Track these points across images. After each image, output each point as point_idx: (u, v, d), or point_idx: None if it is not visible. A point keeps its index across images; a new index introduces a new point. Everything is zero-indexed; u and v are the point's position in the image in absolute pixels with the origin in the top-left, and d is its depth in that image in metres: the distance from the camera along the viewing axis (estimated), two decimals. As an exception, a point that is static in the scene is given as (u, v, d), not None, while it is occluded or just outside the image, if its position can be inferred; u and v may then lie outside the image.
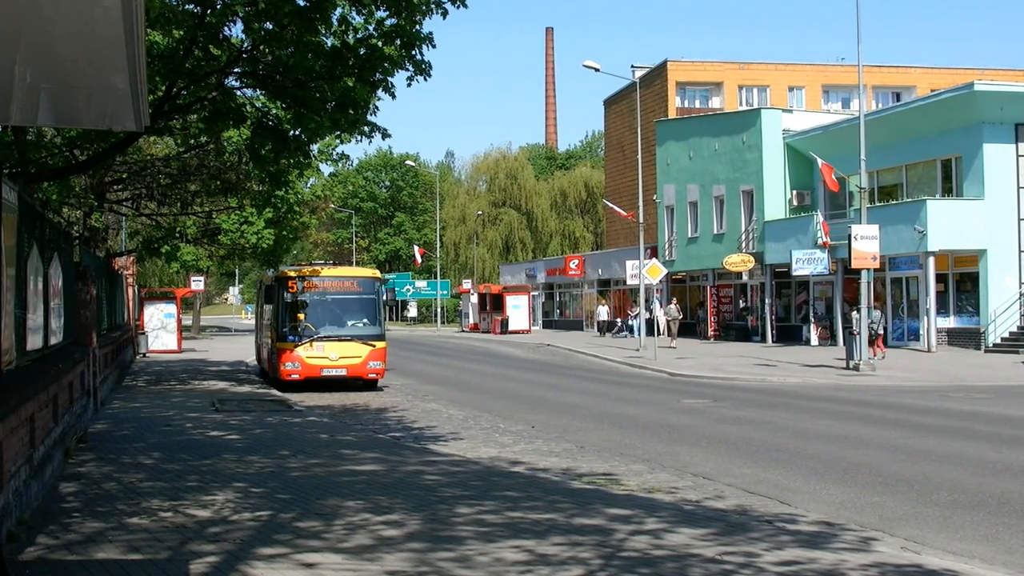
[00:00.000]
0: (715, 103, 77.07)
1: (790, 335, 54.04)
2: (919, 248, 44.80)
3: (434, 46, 18.01)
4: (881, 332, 42.03)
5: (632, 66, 79.94)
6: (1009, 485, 14.62)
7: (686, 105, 77.09)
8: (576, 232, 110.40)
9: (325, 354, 31.21)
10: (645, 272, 46.93)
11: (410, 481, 14.31)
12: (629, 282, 53.19)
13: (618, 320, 71.29)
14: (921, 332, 45.88)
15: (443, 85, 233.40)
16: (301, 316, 31.58)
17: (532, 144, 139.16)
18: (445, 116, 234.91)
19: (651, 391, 31.55)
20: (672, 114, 74.19)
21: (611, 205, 68.69)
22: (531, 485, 14.24)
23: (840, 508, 13.33)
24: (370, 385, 32.36)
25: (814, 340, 52.01)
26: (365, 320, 32.43)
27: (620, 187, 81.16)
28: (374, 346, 31.66)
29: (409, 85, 18.57)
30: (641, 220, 51.42)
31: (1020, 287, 44.60)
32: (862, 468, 16.32)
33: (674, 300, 53.91)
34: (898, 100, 70.72)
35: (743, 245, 57.90)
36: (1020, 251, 44.97)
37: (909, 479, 15.24)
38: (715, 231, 61.08)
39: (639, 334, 51.02)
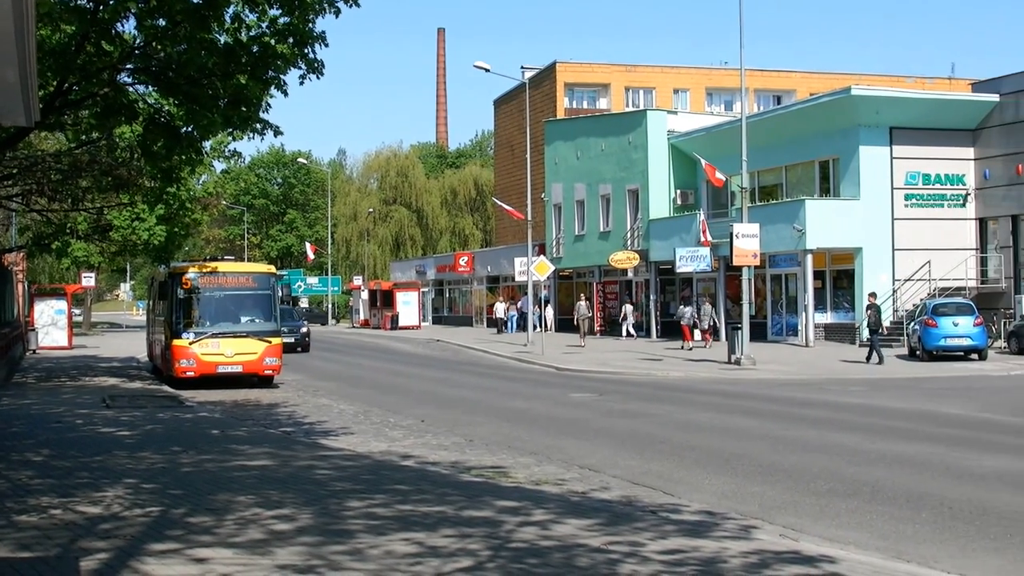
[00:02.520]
0: (602, 104, 77.74)
1: (675, 331, 54.73)
2: (798, 246, 45.77)
3: (327, 45, 18.06)
4: (711, 324, 46.26)
5: (522, 67, 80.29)
6: (883, 474, 15.10)
7: (574, 106, 77.70)
8: (466, 229, 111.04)
9: (220, 351, 30.71)
10: (533, 269, 47.36)
11: (301, 476, 14.37)
12: (518, 278, 53.70)
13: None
14: (799, 327, 46.88)
15: (336, 84, 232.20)
16: (196, 312, 31.08)
17: (423, 143, 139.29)
18: (337, 114, 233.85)
19: (539, 386, 31.85)
20: (560, 114, 74.71)
21: (501, 203, 68.99)
22: (421, 478, 14.37)
23: (722, 498, 13.64)
24: (265, 382, 31.99)
25: (697, 336, 52.80)
26: (260, 316, 31.99)
27: (509, 185, 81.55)
28: (270, 342, 31.27)
29: (302, 83, 18.61)
30: (529, 218, 51.85)
31: (894, 284, 45.78)
32: (743, 459, 16.73)
33: (583, 297, 54.02)
34: (779, 103, 71.91)
35: (629, 243, 58.54)
36: (894, 249, 46.15)
37: (788, 469, 15.67)
38: (601, 229, 61.69)
39: (513, 328, 51.44)
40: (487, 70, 50.44)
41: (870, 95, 46.84)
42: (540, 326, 50.51)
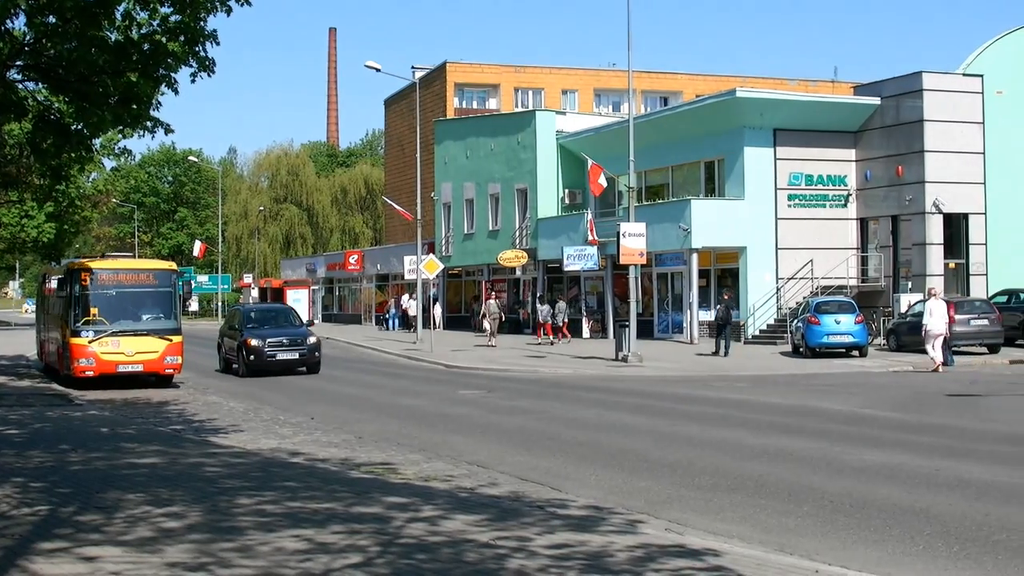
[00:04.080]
0: (492, 104, 78.01)
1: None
2: (684, 245, 46.36)
3: (218, 43, 17.91)
4: (567, 320, 48.55)
5: (412, 67, 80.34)
6: (766, 469, 15.41)
7: (464, 106, 77.92)
8: (356, 228, 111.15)
9: (120, 349, 29.92)
10: (422, 267, 47.47)
11: (191, 473, 14.31)
12: (407, 276, 53.64)
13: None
14: (685, 325, 47.52)
15: (227, 82, 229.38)
16: (94, 310, 30.08)
17: (314, 142, 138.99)
18: (229, 113, 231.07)
19: (428, 383, 31.91)
20: (450, 114, 74.82)
21: (391, 203, 68.89)
22: (310, 475, 14.39)
23: (609, 493, 13.81)
24: (164, 381, 31.23)
25: (586, 333, 53.40)
26: (161, 314, 31.11)
27: (400, 184, 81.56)
28: (171, 340, 30.59)
29: (193, 81, 18.43)
30: (419, 217, 51.84)
31: (777, 283, 46.60)
32: (629, 454, 16.95)
33: (494, 295, 53.97)
34: (666, 104, 72.70)
35: (517, 242, 58.82)
36: (777, 248, 46.96)
37: (673, 464, 15.92)
38: (490, 228, 61.90)
39: (395, 326, 51.48)
40: (378, 70, 50.36)
41: (755, 97, 47.61)
42: (430, 324, 50.56)
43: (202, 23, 17.63)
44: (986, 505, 12.59)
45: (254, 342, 34.55)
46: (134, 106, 17.79)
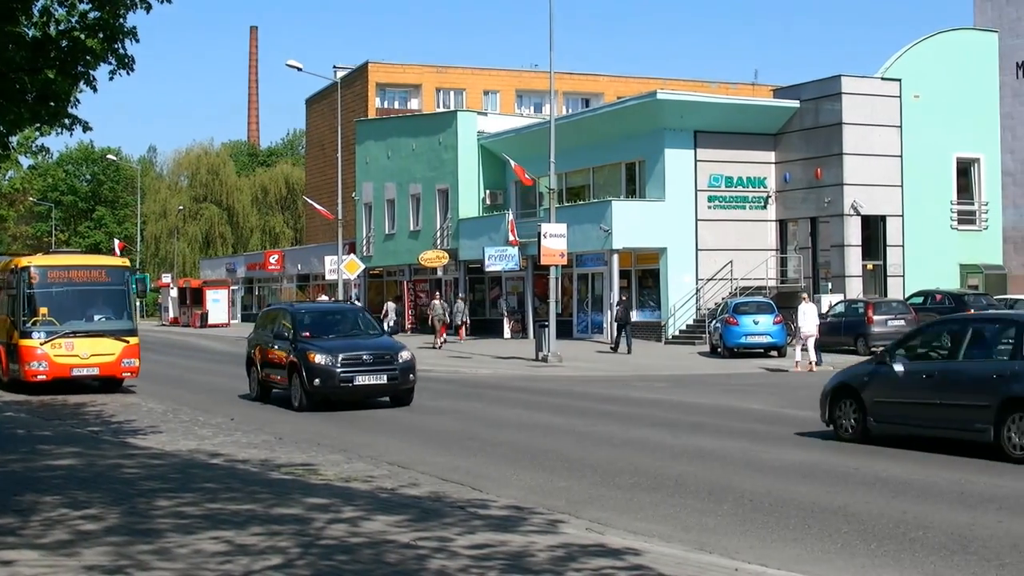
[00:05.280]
0: (414, 104, 77.88)
1: (484, 328, 55.14)
2: (604, 246, 46.55)
3: (138, 41, 17.66)
4: (466, 320, 49.80)
5: (334, 66, 80.00)
6: (686, 468, 15.50)
7: (386, 106, 77.75)
8: (276, 228, 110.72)
9: (75, 352, 27.88)
10: (343, 267, 47.32)
11: (109, 475, 14.13)
12: (328, 277, 53.40)
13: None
14: (605, 325, 47.70)
15: (147, 80, 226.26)
16: (43, 310, 28.02)
17: (235, 141, 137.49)
18: (148, 111, 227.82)
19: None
20: (372, 114, 74.61)
21: (312, 202, 68.57)
22: (230, 477, 14.27)
23: (530, 493, 13.82)
24: (113, 385, 29.30)
25: (507, 333, 53.46)
26: (115, 314, 29.18)
27: (321, 184, 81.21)
28: (127, 342, 28.66)
29: (112, 79, 18.16)
30: (340, 217, 51.63)
31: (697, 283, 46.93)
32: (550, 454, 16.98)
33: (438, 295, 53.56)
34: (587, 106, 72.96)
35: (438, 242, 58.74)
36: (697, 250, 47.32)
37: (594, 464, 15.95)
38: (411, 228, 61.78)
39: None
40: (299, 69, 50.12)
41: (675, 99, 47.98)
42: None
43: (121, 20, 17.40)
44: (903, 503, 12.75)
45: (321, 359, 23.80)
46: (52, 103, 17.52)
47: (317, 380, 23.62)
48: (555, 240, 37.39)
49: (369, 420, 22.32)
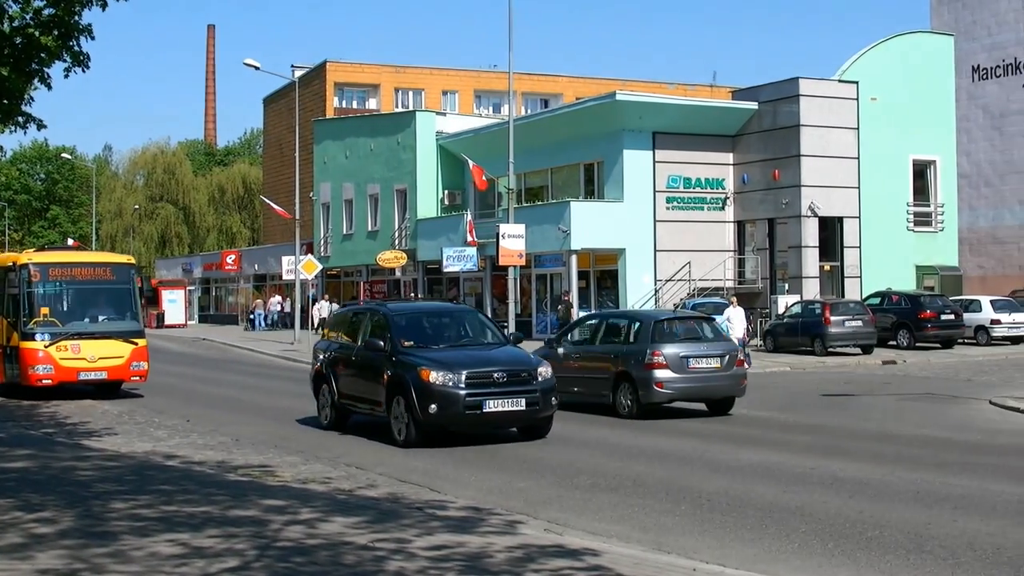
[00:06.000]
0: (372, 104, 77.71)
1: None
2: (563, 247, 46.58)
3: (93, 38, 17.55)
4: None
5: (292, 65, 79.73)
6: (644, 469, 15.52)
7: (344, 105, 77.53)
8: (233, 228, 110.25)
9: (82, 355, 26.22)
10: (300, 267, 47.09)
11: (63, 477, 14.01)
12: (285, 277, 53.18)
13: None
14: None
15: (103, 78, 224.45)
16: (45, 310, 26.47)
17: (191, 140, 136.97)
18: (104, 109, 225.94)
19: (305, 384, 31.40)
20: (330, 114, 74.41)
21: (269, 202, 68.28)
22: (186, 479, 14.17)
23: (488, 494, 13.80)
24: (111, 390, 27.78)
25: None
26: (122, 314, 27.63)
27: (278, 184, 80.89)
28: (136, 343, 27.07)
29: (67, 76, 18.00)
30: (297, 217, 51.44)
31: (655, 284, 47.04)
32: (509, 455, 16.99)
33: (413, 296, 53.34)
34: (546, 107, 73.03)
35: (396, 242, 58.61)
36: (655, 251, 47.43)
37: (553, 465, 15.93)
38: (369, 228, 61.65)
39: (260, 326, 51.04)
40: (257, 68, 49.88)
41: (634, 101, 48.11)
42: (309, 324, 50.10)
43: (77, 17, 17.26)
44: (860, 503, 12.80)
45: (438, 377, 17.94)
46: (5, 101, 17.34)
47: (434, 406, 17.62)
48: (514, 241, 37.37)
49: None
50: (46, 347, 26.08)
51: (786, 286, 45.79)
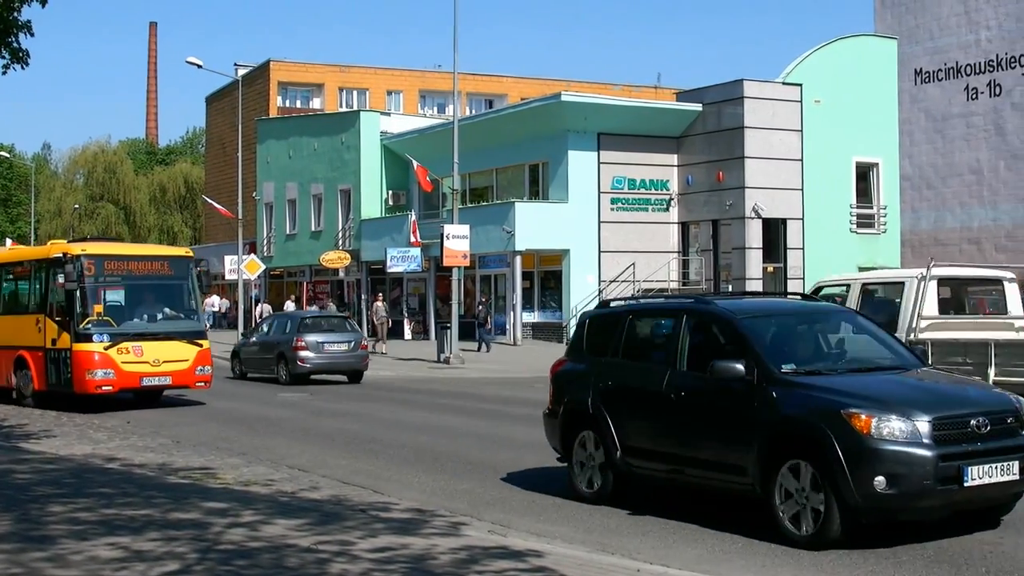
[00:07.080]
0: (316, 104, 77.36)
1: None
2: (507, 247, 46.61)
3: (33, 35, 17.37)
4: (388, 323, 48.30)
5: (235, 64, 79.06)
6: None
7: (287, 105, 77.09)
8: (175, 227, 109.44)
9: (144, 358, 24.00)
10: (243, 267, 46.80)
11: (0, 481, 13.77)
12: (227, 277, 52.81)
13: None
14: (508, 326, 47.72)
15: (42, 75, 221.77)
16: (98, 308, 24.26)
17: (132, 139, 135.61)
18: (43, 107, 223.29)
19: (248, 385, 31.44)
20: (273, 113, 73.97)
21: (211, 201, 67.84)
22: (126, 481, 13.99)
23: (432, 495, 13.74)
24: (151, 398, 25.75)
25: (407, 334, 53.22)
26: (182, 312, 25.50)
27: (221, 183, 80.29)
28: (200, 345, 24.97)
29: (5, 73, 17.80)
30: (240, 216, 51.12)
31: (599, 285, 47.14)
32: (453, 456, 16.92)
33: (380, 297, 52.75)
34: (491, 107, 72.98)
35: (340, 243, 58.41)
36: (599, 252, 47.56)
37: (496, 466, 15.88)
38: (313, 228, 61.42)
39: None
40: (199, 66, 49.53)
41: (579, 102, 48.20)
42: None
43: (16, 14, 17.07)
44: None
45: (884, 425, 10.38)
46: (-59, 97, 17.12)
47: (880, 479, 10.22)
48: (458, 241, 37.36)
49: (268, 423, 22.07)
50: (105, 349, 23.80)
51: (730, 287, 46.03)
